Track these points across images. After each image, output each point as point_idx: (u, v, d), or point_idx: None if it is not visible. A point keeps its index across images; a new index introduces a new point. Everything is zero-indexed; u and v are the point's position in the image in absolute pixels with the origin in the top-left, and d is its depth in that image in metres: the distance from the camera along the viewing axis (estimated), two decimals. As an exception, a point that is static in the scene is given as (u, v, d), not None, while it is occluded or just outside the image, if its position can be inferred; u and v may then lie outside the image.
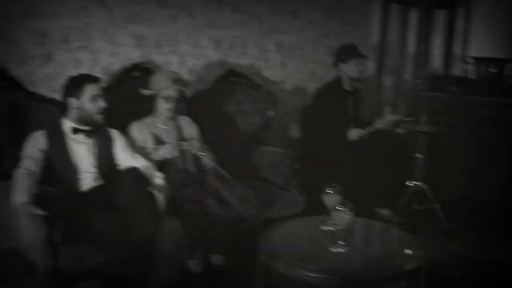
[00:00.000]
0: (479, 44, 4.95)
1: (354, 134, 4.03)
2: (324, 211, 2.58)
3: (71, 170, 2.80)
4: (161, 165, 3.06)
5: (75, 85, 2.87)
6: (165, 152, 3.09)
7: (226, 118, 4.00)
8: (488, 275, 2.38)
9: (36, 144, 2.75)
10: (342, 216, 2.25)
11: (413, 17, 4.89)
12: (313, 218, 2.74)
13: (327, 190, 2.49)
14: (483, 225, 4.23)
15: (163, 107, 3.19)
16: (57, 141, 2.81)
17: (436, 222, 4.15)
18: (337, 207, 2.28)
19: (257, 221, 3.23)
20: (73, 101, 2.84)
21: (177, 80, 3.20)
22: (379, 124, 4.09)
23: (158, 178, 2.83)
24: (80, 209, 2.58)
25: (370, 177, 4.09)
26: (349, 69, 4.04)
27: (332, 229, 2.42)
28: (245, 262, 3.14)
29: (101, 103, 2.87)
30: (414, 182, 4.15)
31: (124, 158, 2.96)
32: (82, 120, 2.86)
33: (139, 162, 2.91)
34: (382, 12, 4.80)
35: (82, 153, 2.85)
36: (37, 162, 2.69)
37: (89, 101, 2.84)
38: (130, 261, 2.47)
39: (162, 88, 3.16)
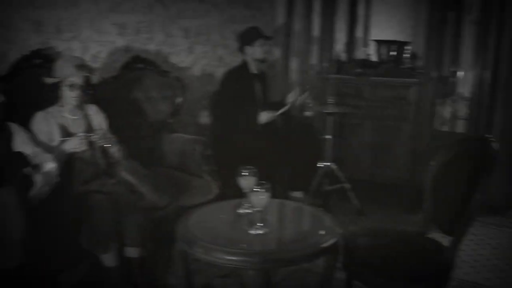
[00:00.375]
0: (379, 28, 5.14)
1: (264, 117, 4.06)
2: (238, 195, 2.58)
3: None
4: (69, 159, 2.91)
5: None
6: (72, 145, 2.90)
7: (134, 106, 3.88)
8: (397, 246, 2.50)
9: None
10: (259, 197, 2.24)
11: (317, 1, 4.96)
12: (229, 202, 2.73)
13: (242, 173, 2.47)
14: (390, 200, 4.44)
15: (69, 95, 3.01)
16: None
17: (347, 201, 4.30)
18: (253, 189, 2.27)
19: (171, 210, 3.18)
20: None
21: (82, 66, 3.03)
22: (290, 98, 4.15)
23: (49, 164, 2.69)
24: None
25: (282, 160, 4.16)
26: (254, 51, 4.09)
27: (249, 211, 2.41)
28: (161, 252, 3.09)
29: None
30: (324, 163, 4.25)
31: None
32: None
33: (29, 150, 2.75)
34: (287, -3, 4.86)
35: None
36: None
37: None
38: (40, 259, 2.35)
39: (66, 75, 2.99)
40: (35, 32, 3.47)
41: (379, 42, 4.78)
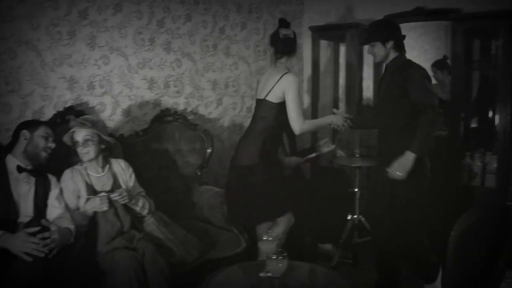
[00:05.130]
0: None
1: (289, 161, 3.95)
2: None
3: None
4: (92, 217, 2.94)
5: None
6: (93, 205, 2.90)
7: (164, 158, 3.95)
8: None
9: None
10: (277, 265, 2.23)
11: (343, 51, 5.02)
12: (252, 264, 2.69)
13: (264, 238, 2.44)
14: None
15: (80, 152, 2.99)
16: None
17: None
18: (271, 256, 2.25)
19: (197, 263, 3.18)
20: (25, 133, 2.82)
21: (85, 121, 3.02)
22: (321, 148, 4.09)
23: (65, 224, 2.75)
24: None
25: (313, 212, 4.11)
26: None
27: (270, 275, 2.39)
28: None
29: (51, 143, 2.88)
30: (353, 216, 4.20)
31: (52, 208, 2.85)
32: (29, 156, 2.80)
33: (55, 212, 2.82)
34: (314, 48, 4.90)
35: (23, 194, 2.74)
36: None
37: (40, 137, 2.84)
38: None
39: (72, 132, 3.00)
40: (69, 88, 3.59)
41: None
